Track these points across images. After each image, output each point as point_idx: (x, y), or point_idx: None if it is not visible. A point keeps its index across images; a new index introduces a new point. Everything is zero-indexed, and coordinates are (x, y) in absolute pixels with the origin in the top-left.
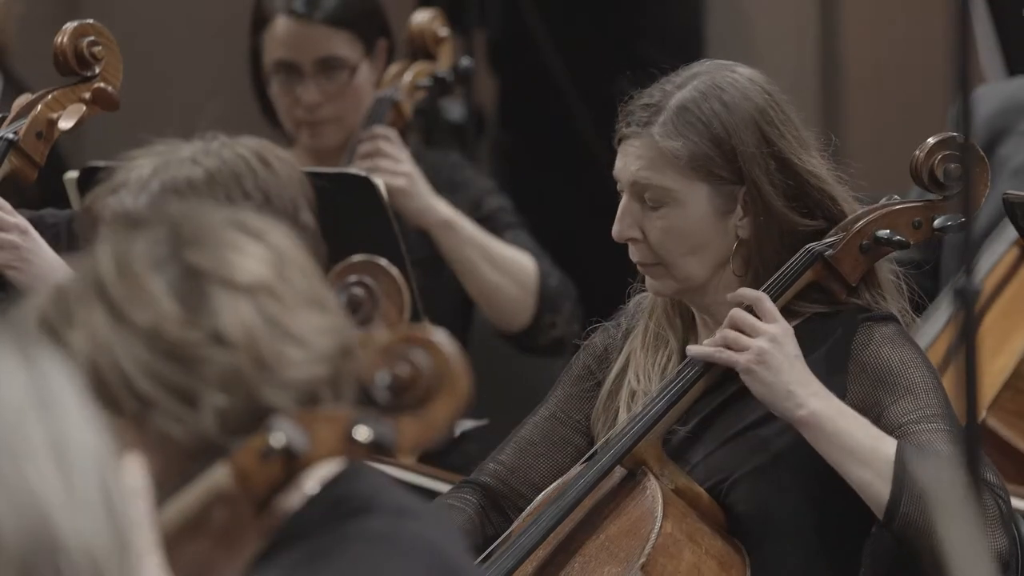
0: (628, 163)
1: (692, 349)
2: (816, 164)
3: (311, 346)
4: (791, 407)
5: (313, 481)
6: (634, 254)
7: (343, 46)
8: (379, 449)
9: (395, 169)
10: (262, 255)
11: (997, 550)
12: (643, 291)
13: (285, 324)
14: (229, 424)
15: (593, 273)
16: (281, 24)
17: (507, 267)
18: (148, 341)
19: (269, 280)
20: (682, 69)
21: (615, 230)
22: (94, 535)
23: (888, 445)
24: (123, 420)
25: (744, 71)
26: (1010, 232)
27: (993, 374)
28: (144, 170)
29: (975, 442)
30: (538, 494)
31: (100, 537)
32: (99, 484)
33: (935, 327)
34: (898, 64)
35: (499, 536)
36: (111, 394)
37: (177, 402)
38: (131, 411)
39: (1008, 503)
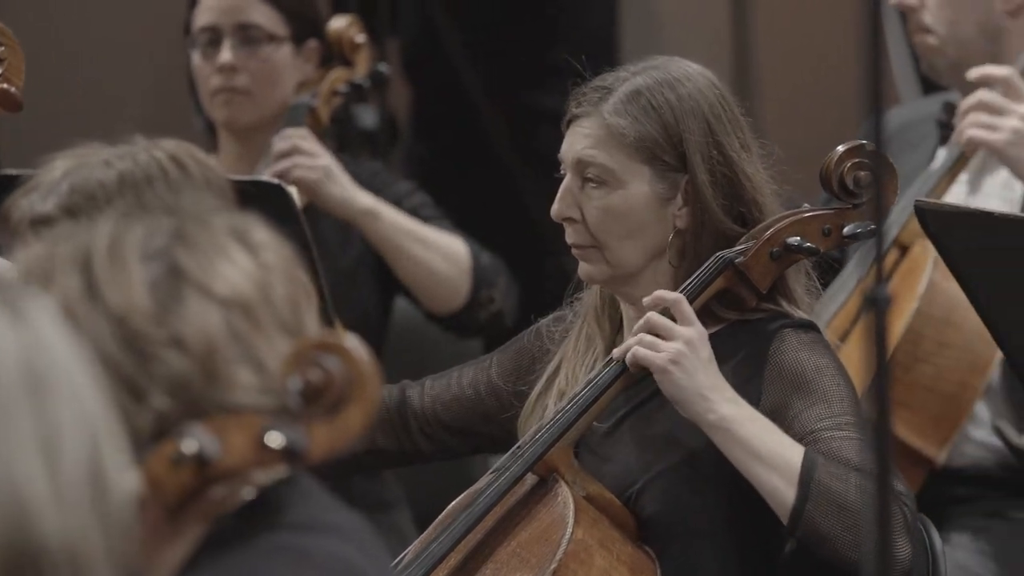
0: (574, 142)
1: (616, 352)
2: (755, 170)
3: (269, 374)
4: (702, 411)
5: (249, 488)
6: (570, 236)
7: (266, 18)
8: (291, 455)
9: (311, 163)
10: (250, 270)
11: (900, 559)
12: (577, 298)
13: (250, 345)
14: (163, 428)
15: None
16: None
17: (438, 247)
18: (113, 325)
19: (248, 297)
20: (637, 61)
21: (554, 209)
22: (78, 536)
23: (796, 452)
24: None
25: (698, 68)
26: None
27: None
28: (56, 172)
29: (885, 450)
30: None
31: (84, 538)
32: (89, 479)
33: (841, 296)
34: (812, 72)
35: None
36: None
37: (123, 393)
38: None
39: (913, 511)
